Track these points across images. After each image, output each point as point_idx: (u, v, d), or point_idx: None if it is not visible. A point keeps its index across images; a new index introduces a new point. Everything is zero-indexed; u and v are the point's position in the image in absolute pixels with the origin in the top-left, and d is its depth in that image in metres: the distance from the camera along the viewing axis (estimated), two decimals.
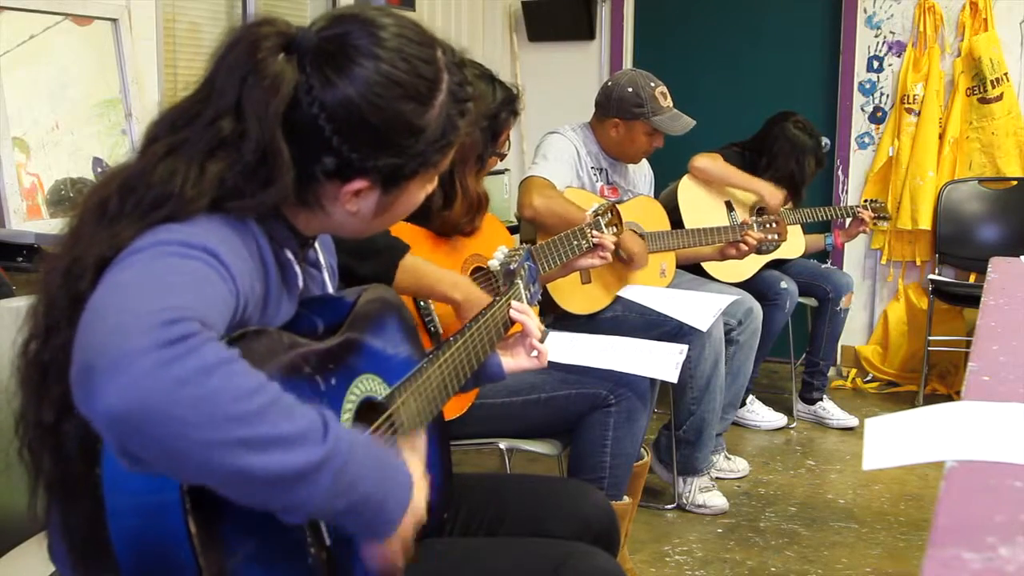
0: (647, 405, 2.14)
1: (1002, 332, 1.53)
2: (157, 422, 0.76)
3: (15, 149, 2.37)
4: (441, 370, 1.24)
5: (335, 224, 1.09)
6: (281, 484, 0.81)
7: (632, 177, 3.05)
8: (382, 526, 0.92)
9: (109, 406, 0.75)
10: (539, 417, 2.04)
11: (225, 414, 0.77)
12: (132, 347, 0.76)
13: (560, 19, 4.56)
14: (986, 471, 0.89)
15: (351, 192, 1.04)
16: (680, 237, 2.93)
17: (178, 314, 0.78)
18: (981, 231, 4.02)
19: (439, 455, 1.29)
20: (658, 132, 2.88)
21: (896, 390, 4.13)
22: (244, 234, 0.97)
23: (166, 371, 0.76)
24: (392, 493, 0.92)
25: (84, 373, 0.76)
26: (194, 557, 0.82)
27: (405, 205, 1.11)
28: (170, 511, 0.83)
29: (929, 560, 0.72)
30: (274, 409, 0.81)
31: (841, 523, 2.80)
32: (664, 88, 2.90)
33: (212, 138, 0.96)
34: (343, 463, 0.84)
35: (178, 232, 0.89)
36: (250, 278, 0.95)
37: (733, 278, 3.27)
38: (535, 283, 1.77)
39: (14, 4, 2.38)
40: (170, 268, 0.85)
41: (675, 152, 3.51)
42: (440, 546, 1.25)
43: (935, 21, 3.99)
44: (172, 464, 0.78)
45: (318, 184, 1.03)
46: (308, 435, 0.82)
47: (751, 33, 4.44)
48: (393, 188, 1.06)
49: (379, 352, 1.15)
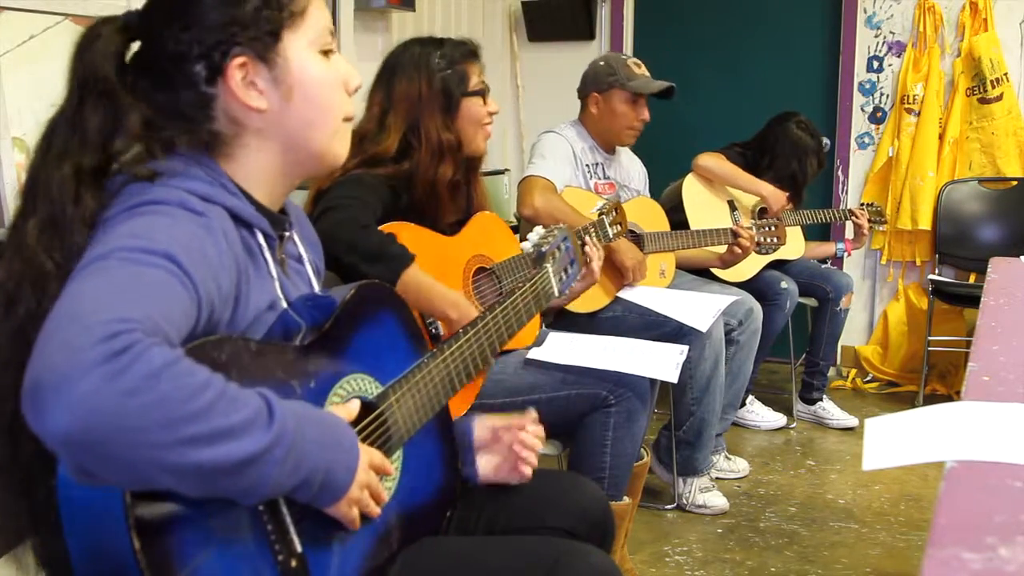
0: (647, 405, 2.14)
1: (1002, 332, 1.53)
2: (109, 436, 0.76)
3: (15, 149, 2.37)
4: (445, 365, 1.22)
5: (272, 148, 1.10)
6: (234, 472, 0.83)
7: (627, 170, 3.05)
8: (333, 492, 0.95)
9: (60, 425, 0.76)
10: (539, 417, 2.03)
11: (176, 415, 0.79)
12: (78, 362, 0.76)
13: (560, 19, 4.56)
14: (986, 471, 0.89)
15: (241, 80, 1.05)
16: (678, 238, 2.94)
17: (123, 326, 0.79)
18: (981, 231, 4.02)
19: (444, 453, 1.28)
20: (639, 100, 2.88)
21: (896, 390, 4.13)
22: (208, 226, 0.98)
23: (114, 384, 0.76)
24: (338, 460, 0.95)
25: (33, 391, 0.77)
26: (139, 569, 0.81)
27: (307, 75, 1.09)
28: (117, 526, 0.82)
29: (929, 560, 0.72)
30: (222, 402, 0.82)
31: (841, 523, 2.80)
32: (638, 61, 2.95)
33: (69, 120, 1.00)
34: (291, 442, 0.87)
35: (141, 237, 0.90)
36: (215, 279, 0.95)
37: (734, 278, 3.27)
38: (573, 264, 1.71)
39: (14, 4, 2.38)
40: (129, 276, 0.85)
41: (676, 150, 3.52)
42: (436, 545, 1.25)
43: (935, 21, 3.99)
44: (126, 473, 0.79)
45: (215, 101, 1.06)
46: (255, 421, 0.84)
47: (751, 33, 4.44)
48: (271, 54, 1.07)
49: (371, 351, 1.12)
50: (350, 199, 1.79)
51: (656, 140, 4.57)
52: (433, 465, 1.26)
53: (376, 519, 1.07)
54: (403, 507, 1.16)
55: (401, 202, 1.92)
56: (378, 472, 1.04)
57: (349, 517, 1.01)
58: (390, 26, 3.73)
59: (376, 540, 1.10)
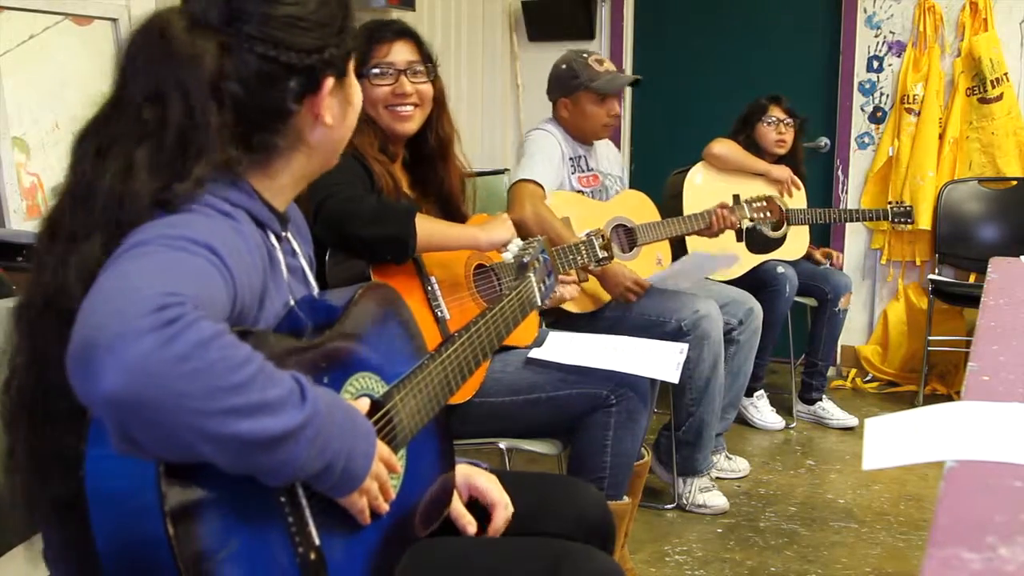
0: (648, 405, 2.14)
1: (1002, 332, 1.53)
2: (158, 399, 0.78)
3: (15, 149, 2.37)
4: (444, 367, 1.24)
5: (310, 159, 1.11)
6: (269, 448, 0.84)
7: (605, 158, 3.05)
8: (353, 478, 0.96)
9: (112, 385, 0.76)
10: (539, 417, 2.04)
11: (222, 385, 0.80)
12: (132, 327, 0.77)
13: (560, 19, 4.56)
14: (986, 471, 0.89)
15: (327, 96, 1.07)
16: (669, 226, 2.94)
17: (173, 299, 0.80)
18: (981, 231, 4.02)
19: (441, 452, 1.29)
20: (610, 99, 2.86)
21: (896, 390, 4.13)
22: (238, 228, 0.99)
23: (166, 349, 0.78)
24: (358, 446, 0.96)
25: (85, 351, 0.77)
26: (173, 560, 0.82)
27: (357, 94, 1.15)
28: (149, 514, 0.83)
29: (929, 560, 0.72)
30: (262, 376, 0.84)
31: (841, 523, 2.80)
32: (599, 56, 2.92)
33: (136, 129, 0.96)
34: (321, 423, 0.89)
35: (183, 228, 0.90)
36: (248, 276, 0.96)
37: (729, 276, 3.28)
38: (550, 276, 1.77)
39: (14, 4, 2.38)
40: (174, 261, 0.86)
41: (676, 150, 3.52)
42: (436, 546, 1.25)
43: (935, 21, 3.99)
44: (169, 440, 0.80)
45: (293, 117, 1.06)
46: (290, 399, 0.86)
47: (751, 33, 4.44)
48: (344, 73, 1.11)
49: (376, 350, 1.15)
50: (338, 184, 1.82)
51: (656, 140, 4.59)
52: (433, 465, 1.27)
53: (383, 517, 1.08)
54: (406, 506, 1.17)
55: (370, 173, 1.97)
56: (387, 466, 1.05)
57: (359, 507, 1.02)
58: None
59: (383, 537, 1.11)
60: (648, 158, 3.66)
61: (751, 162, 3.48)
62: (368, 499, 1.03)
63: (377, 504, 1.04)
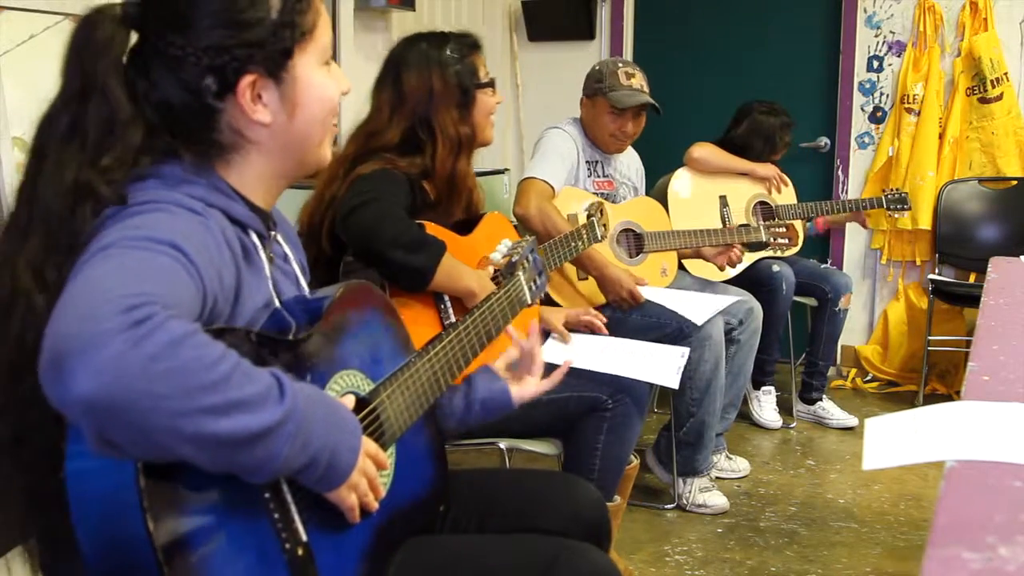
0: (643, 412, 2.15)
1: (1002, 332, 1.53)
2: (132, 401, 0.77)
3: (15, 149, 2.37)
4: (431, 364, 1.25)
5: (270, 158, 1.10)
6: (248, 445, 0.84)
7: (625, 167, 3.05)
8: (338, 473, 0.96)
9: (85, 390, 0.76)
10: (539, 417, 2.04)
11: (196, 384, 0.80)
12: (101, 330, 0.77)
13: (560, 19, 4.56)
14: (986, 471, 0.89)
15: (250, 96, 1.05)
16: (679, 238, 2.94)
17: (141, 299, 0.80)
18: (981, 231, 4.02)
19: (433, 448, 1.30)
20: (624, 115, 2.84)
21: (896, 390, 4.13)
22: (206, 224, 0.98)
23: (137, 350, 0.77)
24: (343, 441, 0.96)
25: (56, 358, 0.77)
26: (155, 557, 0.82)
27: (313, 92, 1.10)
28: (130, 512, 0.83)
29: (929, 560, 0.72)
30: (237, 373, 0.84)
31: (841, 523, 2.80)
32: (632, 70, 2.89)
33: (67, 122, 0.98)
34: (301, 418, 0.88)
35: (145, 228, 0.90)
36: (216, 270, 0.96)
37: (724, 276, 3.28)
38: (541, 275, 1.78)
39: (14, 4, 2.38)
40: (138, 261, 0.86)
41: (676, 150, 3.52)
42: (432, 543, 1.25)
43: (935, 21, 3.99)
44: (146, 441, 0.80)
45: (221, 114, 1.05)
46: (268, 396, 0.86)
47: (751, 33, 4.43)
48: (281, 72, 1.07)
49: (361, 348, 1.15)
50: (382, 194, 1.80)
51: (656, 140, 4.58)
52: (423, 462, 1.28)
53: (374, 514, 1.08)
54: (397, 503, 1.17)
55: (417, 199, 1.93)
56: (375, 462, 1.05)
57: (348, 503, 1.02)
58: (390, 26, 3.73)
59: (374, 535, 1.11)
60: (648, 158, 3.64)
61: (734, 162, 3.50)
62: (358, 496, 1.02)
63: (367, 501, 1.04)
